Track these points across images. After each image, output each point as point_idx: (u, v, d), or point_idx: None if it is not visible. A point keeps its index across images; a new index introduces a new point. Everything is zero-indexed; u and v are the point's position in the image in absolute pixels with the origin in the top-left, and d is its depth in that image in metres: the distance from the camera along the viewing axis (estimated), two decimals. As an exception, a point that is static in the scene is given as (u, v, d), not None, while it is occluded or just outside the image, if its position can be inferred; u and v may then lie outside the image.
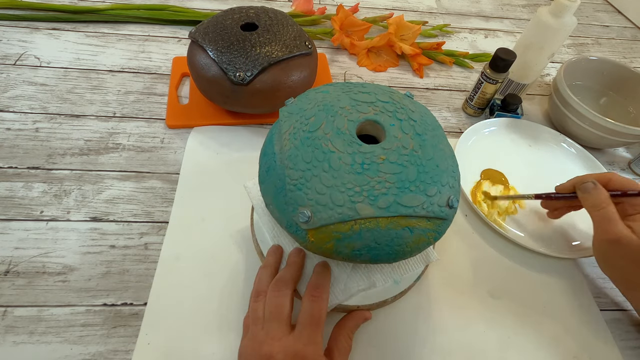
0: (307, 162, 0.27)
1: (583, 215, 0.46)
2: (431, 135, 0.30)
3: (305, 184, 0.27)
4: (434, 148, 0.29)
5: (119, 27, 0.61)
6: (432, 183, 0.27)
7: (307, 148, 0.28)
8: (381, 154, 0.27)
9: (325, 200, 0.26)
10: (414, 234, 0.27)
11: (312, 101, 0.30)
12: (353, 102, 0.30)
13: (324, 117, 0.29)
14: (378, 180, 0.26)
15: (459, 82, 0.62)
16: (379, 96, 0.31)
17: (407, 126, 0.29)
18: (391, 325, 0.36)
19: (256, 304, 0.31)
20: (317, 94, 0.31)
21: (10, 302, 0.34)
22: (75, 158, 0.44)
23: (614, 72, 0.57)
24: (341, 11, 0.62)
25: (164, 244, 0.38)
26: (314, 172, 0.27)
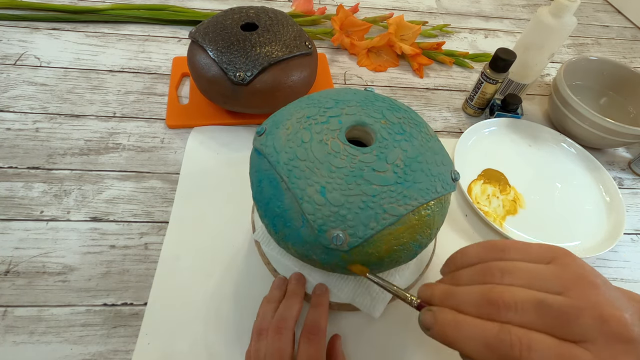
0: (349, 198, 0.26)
1: (583, 215, 0.46)
2: (377, 98, 0.32)
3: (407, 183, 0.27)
4: (399, 107, 0.32)
5: (119, 27, 0.61)
6: (423, 122, 0.32)
7: (348, 189, 0.26)
8: (383, 120, 0.30)
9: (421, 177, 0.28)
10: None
11: (289, 143, 0.28)
12: (321, 124, 0.29)
13: (318, 159, 0.27)
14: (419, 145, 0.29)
15: (459, 82, 0.62)
16: (309, 114, 0.30)
17: (369, 104, 0.31)
18: (391, 325, 0.36)
19: (259, 343, 0.29)
20: (281, 134, 0.29)
21: (11, 302, 0.34)
22: (76, 158, 0.44)
23: (614, 72, 0.57)
24: (341, 11, 0.62)
25: (164, 244, 0.38)
26: (424, 178, 0.28)
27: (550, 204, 0.47)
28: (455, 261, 0.25)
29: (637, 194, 0.51)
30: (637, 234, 0.47)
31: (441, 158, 0.30)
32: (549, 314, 0.18)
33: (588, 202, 0.47)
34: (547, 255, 0.21)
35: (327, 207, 0.26)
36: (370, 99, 0.31)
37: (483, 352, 0.19)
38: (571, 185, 0.49)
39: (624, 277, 0.42)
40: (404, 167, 0.27)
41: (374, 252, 0.27)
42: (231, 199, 0.42)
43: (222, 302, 0.36)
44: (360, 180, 0.26)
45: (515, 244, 0.22)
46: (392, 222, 0.26)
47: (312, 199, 0.26)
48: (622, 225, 0.44)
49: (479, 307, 0.20)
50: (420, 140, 0.29)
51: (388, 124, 0.29)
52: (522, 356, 0.18)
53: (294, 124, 0.29)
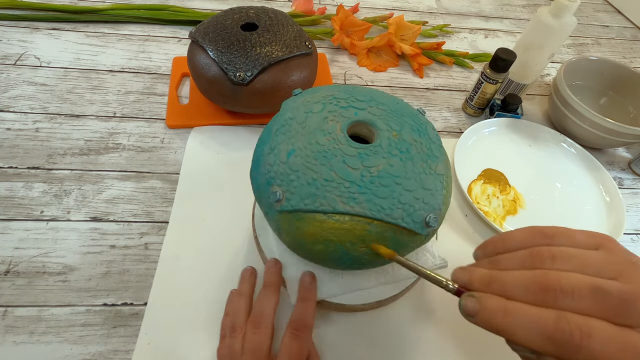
0: (386, 197, 0.26)
1: (583, 215, 0.46)
2: (382, 95, 0.32)
3: (407, 204, 0.27)
4: (398, 104, 0.32)
5: (119, 27, 0.61)
6: (414, 114, 0.31)
7: (372, 189, 0.26)
8: (391, 132, 0.29)
9: (427, 194, 0.27)
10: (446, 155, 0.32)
11: (304, 169, 0.27)
12: (318, 133, 0.29)
13: (336, 162, 0.27)
14: (415, 146, 0.29)
15: (459, 82, 0.62)
16: (313, 110, 0.30)
17: (372, 101, 0.31)
18: (391, 326, 0.36)
19: (233, 339, 0.29)
20: (289, 162, 0.28)
21: (11, 302, 0.34)
22: (76, 158, 0.44)
23: (614, 72, 0.57)
24: (341, 11, 0.62)
25: (164, 244, 0.38)
26: (399, 192, 0.26)
27: (550, 204, 0.47)
28: (494, 245, 0.23)
29: (637, 194, 0.51)
30: (637, 234, 0.47)
31: (428, 197, 0.27)
32: (607, 300, 0.17)
33: (588, 202, 0.47)
34: (593, 241, 0.20)
35: (284, 166, 0.27)
36: (402, 111, 0.31)
37: (539, 341, 0.18)
38: (571, 185, 0.49)
39: (624, 277, 0.42)
40: (374, 177, 0.26)
41: (301, 228, 0.27)
42: (231, 199, 0.42)
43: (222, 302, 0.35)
44: (326, 162, 0.27)
45: (561, 230, 0.22)
46: (325, 211, 0.26)
47: (278, 155, 0.28)
48: (622, 225, 0.44)
49: (532, 293, 0.19)
50: (417, 170, 0.27)
51: (398, 138, 0.28)
52: (582, 344, 0.17)
53: (320, 97, 0.31)
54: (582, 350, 0.17)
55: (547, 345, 0.18)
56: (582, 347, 0.17)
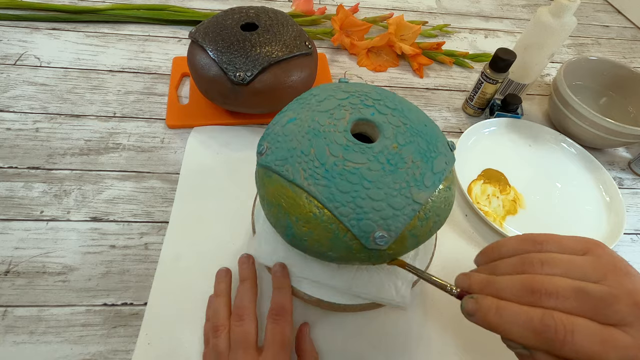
0: (346, 192, 0.26)
1: (583, 215, 0.46)
2: (399, 102, 0.31)
3: (362, 210, 0.26)
4: (410, 112, 0.30)
5: (119, 27, 0.61)
6: (437, 138, 0.29)
7: (335, 180, 0.26)
8: (391, 144, 0.28)
9: (389, 212, 0.26)
10: (451, 189, 0.29)
11: (292, 136, 0.28)
12: (326, 114, 0.29)
13: (321, 144, 0.27)
14: (410, 166, 0.27)
15: (459, 82, 0.62)
16: (336, 96, 0.30)
17: (382, 107, 0.30)
18: (391, 326, 0.36)
19: (217, 339, 0.29)
20: (286, 126, 0.29)
21: (11, 302, 0.34)
22: (75, 158, 0.44)
23: (614, 72, 0.57)
24: (341, 11, 0.62)
25: (164, 244, 0.38)
26: (361, 196, 0.26)
27: (550, 204, 0.47)
28: (491, 252, 0.26)
29: (637, 194, 0.51)
30: (637, 234, 0.47)
31: (389, 216, 0.26)
32: (589, 300, 0.19)
33: (588, 202, 0.47)
34: (581, 247, 0.22)
35: (280, 129, 0.29)
36: (422, 132, 0.29)
37: (527, 335, 0.20)
38: (571, 185, 0.49)
39: (624, 277, 0.42)
40: (346, 170, 0.27)
41: (267, 186, 0.29)
42: (231, 199, 0.42)
43: (222, 302, 0.36)
44: (312, 139, 0.28)
45: (551, 237, 0.24)
46: (287, 178, 0.27)
47: (282, 118, 0.30)
48: (622, 225, 0.44)
49: (521, 294, 0.21)
50: (393, 186, 0.27)
51: (396, 150, 0.28)
52: (566, 339, 0.19)
53: (353, 90, 0.31)
54: (566, 344, 0.19)
55: (535, 340, 0.19)
56: (566, 341, 0.19)
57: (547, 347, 0.19)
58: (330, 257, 0.28)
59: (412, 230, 0.27)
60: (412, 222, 0.26)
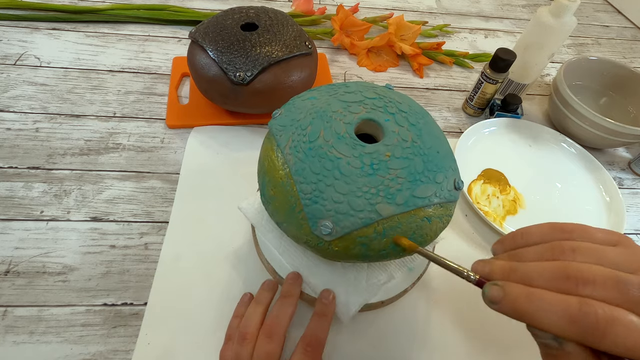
0: (317, 173, 0.26)
1: (583, 215, 0.46)
2: (423, 123, 0.30)
3: (320, 195, 0.26)
4: (430, 135, 0.29)
5: (119, 27, 0.61)
6: (438, 170, 0.28)
7: (313, 159, 0.27)
8: (386, 151, 0.27)
9: (344, 208, 0.26)
10: (431, 222, 0.28)
11: (303, 110, 0.30)
12: (343, 104, 0.30)
13: (320, 125, 0.28)
14: (390, 178, 0.26)
15: (459, 82, 0.62)
16: (364, 93, 0.31)
17: (400, 118, 0.29)
18: (391, 326, 0.36)
19: (241, 348, 0.28)
20: (305, 101, 0.31)
21: (11, 302, 0.34)
22: (76, 158, 0.44)
23: (614, 72, 0.57)
24: (341, 11, 0.62)
25: (164, 244, 0.38)
26: (327, 182, 0.26)
27: (550, 204, 0.47)
28: (514, 240, 0.24)
29: (637, 194, 0.51)
30: (637, 234, 0.47)
31: (343, 209, 0.27)
32: (627, 291, 0.18)
33: (588, 202, 0.47)
34: (612, 238, 0.21)
35: (298, 101, 0.31)
36: (424, 151, 0.29)
37: (562, 325, 0.18)
38: (571, 185, 0.49)
39: (624, 277, 0.42)
40: (314, 149, 0.28)
41: (269, 142, 0.30)
42: (231, 199, 0.42)
43: (222, 302, 0.36)
44: (317, 117, 0.29)
45: (580, 227, 0.22)
46: (278, 145, 0.29)
47: (306, 95, 0.32)
48: (622, 225, 0.44)
49: (554, 281, 0.19)
50: (357, 188, 0.27)
51: (388, 159, 0.28)
52: (607, 330, 0.17)
53: (380, 93, 0.31)
54: (607, 335, 0.17)
55: (571, 330, 0.18)
56: (607, 332, 0.17)
57: (584, 338, 0.18)
58: (285, 230, 0.29)
59: (363, 237, 0.26)
60: (364, 230, 0.26)
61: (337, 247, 0.27)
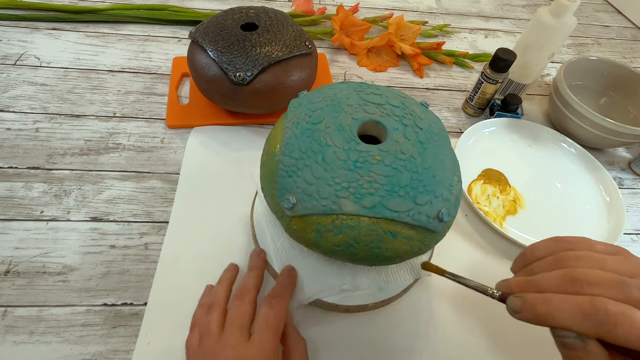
0: (303, 151, 0.28)
1: (583, 215, 0.46)
2: (434, 145, 0.29)
3: (296, 172, 0.27)
4: (435, 158, 0.28)
5: (119, 27, 0.61)
6: (425, 192, 0.27)
7: (305, 138, 0.28)
8: (377, 155, 0.27)
9: (312, 191, 0.27)
10: (396, 239, 0.27)
11: (322, 95, 0.31)
12: (362, 101, 0.30)
13: (328, 112, 0.29)
14: (367, 180, 0.26)
15: (459, 82, 0.62)
16: (390, 99, 0.31)
17: (411, 132, 0.29)
18: (391, 326, 0.36)
19: (209, 317, 0.30)
20: (329, 89, 0.32)
21: (11, 302, 0.34)
22: (76, 158, 0.44)
23: (614, 72, 0.57)
24: (341, 11, 0.62)
25: (164, 244, 0.38)
26: (307, 162, 0.27)
27: (550, 204, 0.47)
28: (525, 257, 0.26)
29: (637, 194, 0.51)
30: (637, 234, 0.47)
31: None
32: (630, 291, 0.20)
33: (588, 202, 0.47)
34: (611, 249, 0.23)
35: (310, 96, 0.32)
36: (419, 169, 0.28)
37: (578, 321, 0.20)
38: (571, 185, 0.49)
39: (624, 277, 0.42)
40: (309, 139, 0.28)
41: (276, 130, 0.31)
42: (231, 199, 0.42)
43: (222, 302, 0.36)
44: (328, 111, 0.29)
45: (582, 239, 0.25)
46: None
47: (319, 90, 0.33)
48: (622, 225, 0.44)
49: (562, 285, 0.21)
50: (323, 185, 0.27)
51: (377, 162, 0.28)
52: (618, 321, 0.19)
53: (396, 97, 0.32)
54: (619, 326, 0.19)
55: (586, 324, 0.20)
56: (618, 323, 0.19)
57: (600, 331, 0.19)
58: (265, 197, 0.30)
59: (320, 225, 0.27)
60: (322, 218, 0.27)
61: (296, 225, 0.28)
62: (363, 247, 0.27)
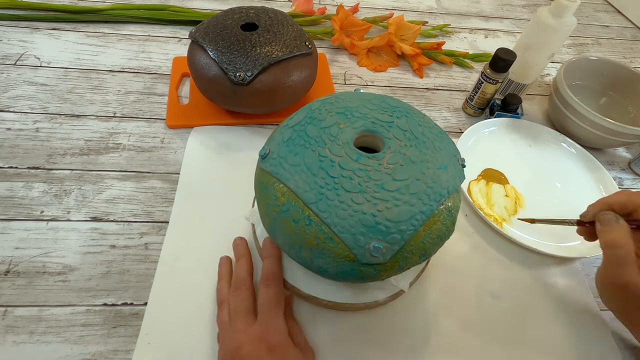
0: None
1: (583, 215, 0.46)
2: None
3: (285, 135, 0.29)
4: (408, 203, 0.28)
5: (119, 27, 0.61)
6: (374, 223, 0.26)
7: (297, 141, 0.29)
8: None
9: (284, 155, 0.29)
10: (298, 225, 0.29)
11: (335, 103, 0.32)
12: (366, 111, 0.31)
13: (333, 121, 0.30)
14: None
15: (459, 82, 0.62)
16: (400, 122, 0.31)
17: (405, 159, 0.28)
18: (390, 326, 0.36)
19: (221, 312, 0.32)
20: (344, 97, 0.33)
21: (11, 302, 0.34)
22: (76, 158, 0.44)
23: (614, 72, 0.57)
24: (341, 11, 0.62)
25: (164, 244, 0.38)
26: (294, 136, 0.30)
27: (550, 204, 0.47)
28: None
29: (637, 194, 0.51)
30: (637, 234, 0.47)
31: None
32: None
33: (588, 202, 0.47)
34: None
35: (322, 102, 0.32)
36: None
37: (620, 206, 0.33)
38: (571, 185, 0.49)
39: (624, 277, 0.42)
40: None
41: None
42: (231, 199, 0.42)
43: (222, 302, 0.36)
44: (340, 115, 0.31)
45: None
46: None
47: (333, 99, 0.33)
48: (622, 225, 0.44)
49: None
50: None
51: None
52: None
53: (406, 112, 0.32)
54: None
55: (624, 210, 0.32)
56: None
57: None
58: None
59: (269, 184, 0.29)
60: (277, 183, 0.29)
61: (259, 176, 0.31)
62: (296, 225, 0.28)
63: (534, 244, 0.42)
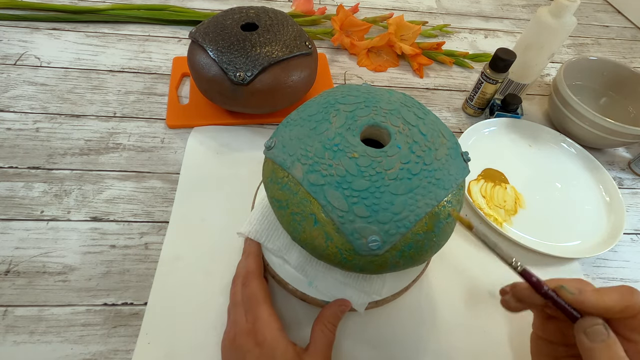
0: (310, 115, 0.31)
1: (583, 215, 0.46)
2: (438, 167, 0.29)
3: (290, 125, 0.31)
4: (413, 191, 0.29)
5: (119, 27, 0.61)
6: (378, 210, 0.27)
7: (301, 127, 0.30)
8: (356, 152, 0.28)
9: (287, 144, 0.30)
10: (315, 226, 0.29)
11: (344, 94, 0.32)
12: (372, 107, 0.31)
13: (339, 112, 0.30)
14: (329, 164, 0.28)
15: (459, 82, 0.62)
16: (406, 118, 0.31)
17: (410, 153, 0.29)
18: (391, 326, 0.36)
19: (234, 287, 0.33)
20: (352, 89, 0.33)
21: (11, 301, 0.34)
22: (76, 158, 0.44)
23: (614, 72, 0.57)
24: (341, 11, 0.62)
25: (164, 244, 0.38)
26: (302, 124, 0.30)
27: (550, 204, 0.47)
28: None
29: (637, 194, 0.51)
30: (637, 234, 0.47)
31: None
32: None
33: (588, 202, 0.47)
34: None
35: (335, 93, 0.33)
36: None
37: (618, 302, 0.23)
38: (571, 185, 0.49)
39: (624, 277, 0.42)
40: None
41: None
42: (231, 198, 0.42)
43: (222, 302, 0.36)
44: (351, 106, 0.31)
45: None
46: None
47: (344, 87, 0.34)
48: (622, 225, 0.44)
49: None
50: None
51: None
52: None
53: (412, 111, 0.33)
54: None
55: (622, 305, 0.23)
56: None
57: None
58: None
59: (274, 172, 0.30)
60: (279, 169, 0.30)
61: (266, 165, 0.32)
62: (289, 214, 0.28)
63: (533, 244, 0.42)
